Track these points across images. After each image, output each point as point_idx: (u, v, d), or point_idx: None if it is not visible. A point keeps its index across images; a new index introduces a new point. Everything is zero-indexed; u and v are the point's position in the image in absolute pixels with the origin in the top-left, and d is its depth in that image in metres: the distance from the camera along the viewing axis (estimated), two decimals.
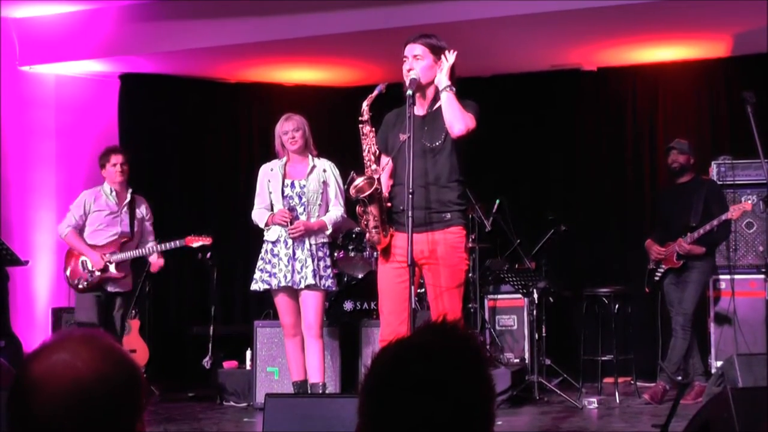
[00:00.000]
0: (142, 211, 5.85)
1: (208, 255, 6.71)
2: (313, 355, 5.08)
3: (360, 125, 3.82)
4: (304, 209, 5.08)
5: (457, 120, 3.73)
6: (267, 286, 5.10)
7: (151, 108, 7.74)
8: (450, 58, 3.81)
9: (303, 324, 5.09)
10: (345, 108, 7.61)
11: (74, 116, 7.64)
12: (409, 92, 3.71)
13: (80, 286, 5.71)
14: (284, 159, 5.18)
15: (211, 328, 6.74)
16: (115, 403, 1.26)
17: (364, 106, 3.82)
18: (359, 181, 3.76)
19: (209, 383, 6.22)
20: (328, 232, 5.12)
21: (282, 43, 6.87)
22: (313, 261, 5.02)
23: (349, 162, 5.10)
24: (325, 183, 5.14)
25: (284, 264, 5.03)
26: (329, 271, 5.11)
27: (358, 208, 3.78)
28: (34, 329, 7.21)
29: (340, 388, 5.62)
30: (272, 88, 7.97)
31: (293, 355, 5.17)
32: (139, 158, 7.71)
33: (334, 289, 5.20)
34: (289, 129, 5.13)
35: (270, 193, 5.14)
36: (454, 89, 3.77)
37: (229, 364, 6.31)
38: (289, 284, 5.02)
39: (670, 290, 5.87)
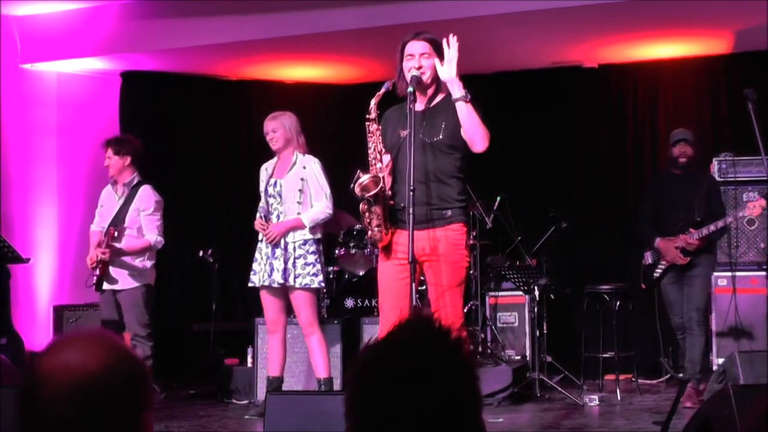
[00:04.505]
0: (138, 202, 5.50)
1: (209, 252, 6.72)
2: (312, 351, 5.13)
3: (367, 123, 3.79)
4: (283, 208, 5.11)
5: (480, 137, 3.69)
6: (252, 284, 5.20)
7: (152, 105, 7.74)
8: (453, 47, 3.69)
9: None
10: (346, 105, 7.63)
11: (75, 114, 7.64)
12: (410, 89, 3.70)
13: (88, 284, 5.62)
14: (276, 158, 5.24)
15: (213, 325, 6.75)
16: (123, 398, 1.31)
17: (372, 103, 3.78)
18: (365, 179, 3.73)
19: (211, 380, 6.22)
20: (306, 230, 5.07)
21: (283, 40, 6.87)
22: (287, 260, 5.02)
23: (351, 159, 5.09)
24: (303, 180, 5.12)
25: (263, 263, 5.10)
26: (309, 268, 5.04)
27: (362, 206, 3.77)
28: (36, 327, 7.22)
29: (341, 385, 5.63)
30: (274, 85, 7.96)
31: (272, 351, 5.25)
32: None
33: (315, 286, 5.08)
34: (268, 129, 5.19)
35: (261, 192, 5.21)
36: (469, 98, 3.69)
37: (230, 362, 6.32)
38: (266, 283, 5.07)
39: (669, 290, 5.69)
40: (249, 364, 5.99)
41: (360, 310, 6.13)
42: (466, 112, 3.67)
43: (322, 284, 5.17)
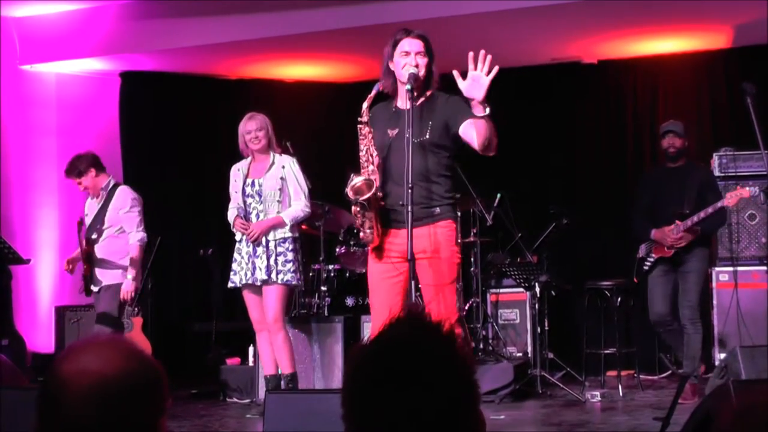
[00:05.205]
0: (116, 202, 5.58)
1: (210, 251, 6.72)
2: (277, 349, 5.15)
3: (359, 126, 3.79)
4: (263, 207, 5.13)
5: (494, 147, 3.70)
6: (233, 285, 5.21)
7: (151, 105, 7.75)
8: (487, 70, 3.58)
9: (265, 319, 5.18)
10: (345, 103, 7.61)
11: (75, 114, 7.65)
12: (408, 87, 3.69)
13: (80, 290, 5.73)
14: (250, 158, 5.26)
15: (214, 324, 6.75)
16: (141, 400, 1.35)
17: (364, 106, 3.77)
18: (357, 181, 3.71)
19: (212, 380, 6.22)
20: (286, 228, 5.12)
21: (281, 39, 6.87)
22: (269, 257, 5.07)
23: (348, 157, 5.08)
24: (283, 179, 5.17)
25: (245, 262, 5.13)
26: (289, 265, 5.10)
27: (354, 209, 3.75)
28: (38, 328, 7.23)
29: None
30: (272, 84, 7.96)
31: (263, 350, 5.26)
32: (140, 155, 7.75)
33: (294, 282, 5.16)
34: (252, 129, 5.20)
35: (236, 192, 5.22)
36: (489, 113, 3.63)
37: (232, 361, 6.32)
38: (249, 282, 5.10)
39: (656, 283, 5.59)
40: (250, 364, 5.99)
41: (361, 308, 6.13)
42: (486, 128, 3.64)
43: (301, 281, 5.27)
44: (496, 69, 3.56)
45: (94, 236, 5.55)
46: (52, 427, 1.33)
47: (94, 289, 5.57)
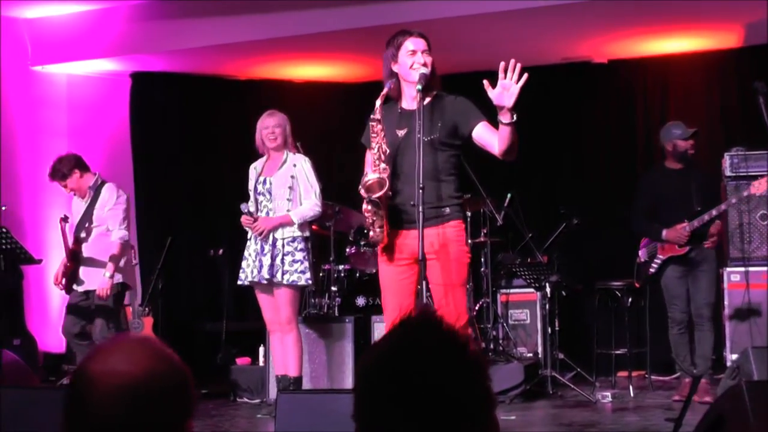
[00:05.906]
0: (102, 200, 5.58)
1: (220, 251, 6.74)
2: (287, 349, 5.16)
3: (371, 123, 3.79)
4: (273, 205, 5.14)
5: (515, 153, 3.70)
6: (240, 282, 5.22)
7: (162, 106, 7.77)
8: (517, 79, 3.55)
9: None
10: (355, 104, 7.61)
11: (86, 115, 7.68)
12: (419, 87, 3.69)
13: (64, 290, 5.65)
14: (265, 157, 5.27)
15: (224, 324, 6.76)
16: (169, 402, 1.34)
17: (378, 104, 3.78)
18: (370, 179, 3.72)
19: (222, 380, 6.23)
20: (294, 227, 5.11)
21: (291, 39, 6.88)
22: (275, 256, 5.05)
23: (359, 158, 5.08)
24: (293, 177, 5.16)
25: (252, 259, 5.13)
26: (297, 265, 5.08)
27: (365, 207, 3.75)
28: (49, 327, 7.25)
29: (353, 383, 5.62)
30: (282, 84, 7.97)
31: (275, 350, 5.28)
32: (150, 156, 7.77)
33: (300, 283, 5.12)
34: (270, 125, 5.21)
35: (250, 190, 5.24)
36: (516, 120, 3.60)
37: (242, 361, 6.33)
38: (256, 279, 5.10)
39: (675, 284, 5.58)
40: (261, 363, 6.00)
41: (371, 308, 6.13)
42: (510, 135, 3.63)
43: (310, 281, 5.22)
44: (525, 77, 3.55)
45: (82, 235, 5.54)
46: (80, 427, 1.32)
47: (77, 288, 5.54)
